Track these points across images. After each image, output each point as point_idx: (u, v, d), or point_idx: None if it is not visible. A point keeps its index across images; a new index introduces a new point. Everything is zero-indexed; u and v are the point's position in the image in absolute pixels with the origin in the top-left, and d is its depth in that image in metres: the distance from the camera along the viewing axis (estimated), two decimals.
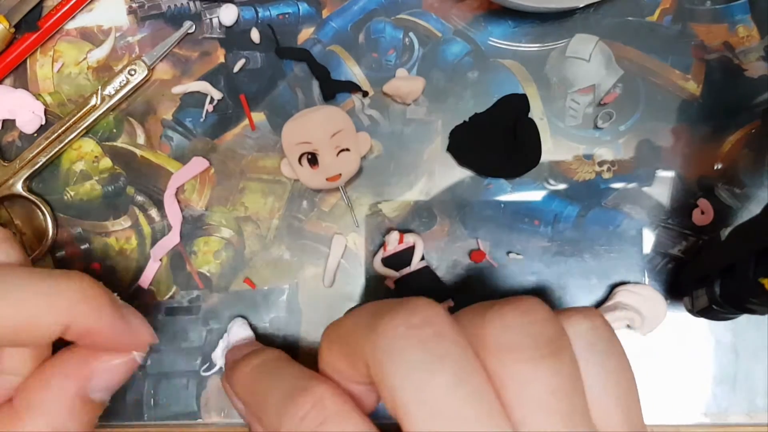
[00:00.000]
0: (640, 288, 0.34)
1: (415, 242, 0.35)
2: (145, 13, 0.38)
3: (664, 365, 0.35)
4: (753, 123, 0.36)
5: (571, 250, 0.36)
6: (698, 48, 0.37)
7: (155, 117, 0.38)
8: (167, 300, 0.37)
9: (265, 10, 0.38)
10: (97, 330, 0.23)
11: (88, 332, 0.23)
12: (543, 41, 0.37)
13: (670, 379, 0.35)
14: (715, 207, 0.36)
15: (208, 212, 0.37)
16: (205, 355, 0.36)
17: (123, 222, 0.37)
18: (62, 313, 0.22)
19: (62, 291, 0.22)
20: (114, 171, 0.37)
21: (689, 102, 0.36)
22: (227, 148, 0.37)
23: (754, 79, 0.36)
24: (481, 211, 0.36)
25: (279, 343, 0.36)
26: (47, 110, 0.38)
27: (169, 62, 0.38)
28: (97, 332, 0.23)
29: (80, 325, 0.23)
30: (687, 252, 0.36)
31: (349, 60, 0.37)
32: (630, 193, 0.36)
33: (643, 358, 0.35)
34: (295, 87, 0.37)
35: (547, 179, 0.36)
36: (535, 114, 0.37)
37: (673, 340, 0.35)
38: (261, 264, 0.37)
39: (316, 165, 0.34)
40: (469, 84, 0.37)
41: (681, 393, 0.35)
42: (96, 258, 0.37)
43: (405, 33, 0.37)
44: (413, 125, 0.37)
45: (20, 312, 0.22)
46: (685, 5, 0.37)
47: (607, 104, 0.36)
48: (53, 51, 0.38)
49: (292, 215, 0.37)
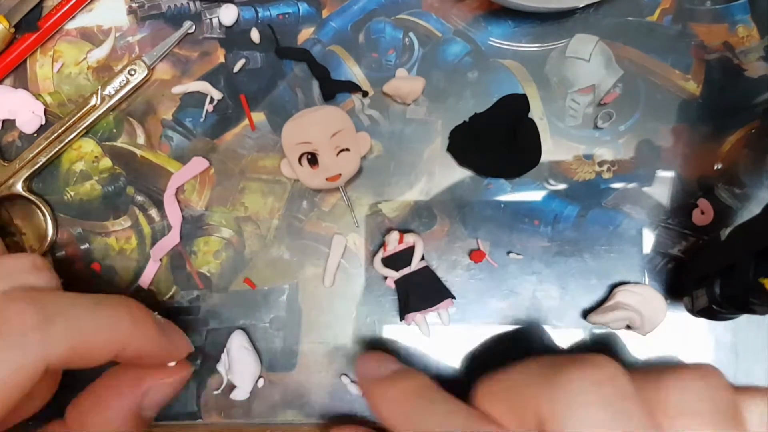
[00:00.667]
0: (640, 288, 0.34)
1: (415, 242, 0.35)
2: (145, 13, 0.38)
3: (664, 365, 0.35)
4: (753, 123, 0.36)
5: (571, 250, 0.36)
6: (698, 48, 0.37)
7: (155, 117, 0.38)
8: (167, 300, 0.37)
9: (265, 10, 0.38)
10: (147, 351, 0.25)
11: (138, 353, 0.24)
12: (543, 41, 0.37)
13: None
14: (715, 207, 0.36)
15: (208, 212, 0.37)
16: (205, 355, 0.36)
17: (123, 222, 0.37)
18: (120, 339, 0.23)
19: (120, 318, 0.24)
20: (114, 171, 0.37)
21: (689, 102, 0.36)
22: (227, 148, 0.37)
23: (754, 79, 0.36)
24: (481, 211, 0.36)
25: (279, 343, 0.36)
26: (47, 110, 0.38)
27: (169, 62, 0.38)
28: (147, 353, 0.25)
29: (133, 347, 0.24)
30: (687, 252, 0.36)
31: (349, 60, 0.37)
32: (630, 193, 0.36)
33: (643, 358, 0.35)
34: (295, 87, 0.37)
35: (547, 179, 0.36)
36: (535, 114, 0.37)
37: (673, 340, 0.35)
38: (261, 264, 0.37)
39: (316, 165, 0.34)
40: (469, 84, 0.37)
41: None
42: (96, 258, 0.37)
43: (405, 33, 0.37)
44: (413, 125, 0.37)
45: (85, 339, 0.23)
46: (685, 5, 0.37)
47: (607, 104, 0.36)
48: (53, 51, 0.38)
49: (292, 215, 0.37)
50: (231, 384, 0.35)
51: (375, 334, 0.36)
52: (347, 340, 0.36)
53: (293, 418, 0.36)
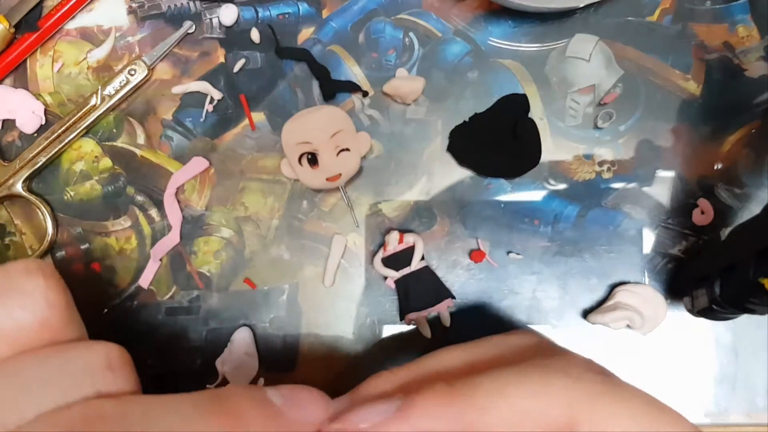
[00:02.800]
0: (640, 288, 0.34)
1: (415, 242, 0.35)
2: (145, 13, 0.38)
3: (664, 365, 0.35)
4: (753, 123, 0.36)
5: (571, 250, 0.36)
6: (698, 48, 0.37)
7: (155, 117, 0.38)
8: (167, 300, 0.37)
9: (265, 10, 0.38)
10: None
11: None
12: (543, 41, 0.37)
13: (670, 379, 0.35)
14: (715, 207, 0.36)
15: (208, 212, 0.37)
16: (205, 355, 0.36)
17: (123, 222, 0.37)
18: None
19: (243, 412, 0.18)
20: (114, 171, 0.37)
21: (689, 102, 0.36)
22: (227, 148, 0.37)
23: (754, 79, 0.36)
24: (481, 211, 0.36)
25: (279, 343, 0.36)
26: (47, 110, 0.38)
27: (169, 62, 0.38)
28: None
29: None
30: (687, 252, 0.36)
31: (349, 60, 0.37)
32: (630, 193, 0.36)
33: (643, 358, 0.35)
34: (295, 87, 0.37)
35: (547, 179, 0.36)
36: (535, 114, 0.37)
37: (673, 340, 0.35)
38: (261, 264, 0.37)
39: (316, 165, 0.34)
40: (469, 84, 0.37)
41: (681, 393, 0.35)
42: (96, 258, 0.37)
43: (405, 33, 0.37)
44: (413, 125, 0.37)
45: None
46: (685, 5, 0.37)
47: (607, 104, 0.36)
48: (53, 51, 0.38)
49: (292, 215, 0.37)
50: (226, 381, 0.35)
51: (375, 334, 0.36)
52: (347, 341, 0.36)
53: None
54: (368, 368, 0.36)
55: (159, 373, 0.36)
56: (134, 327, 0.36)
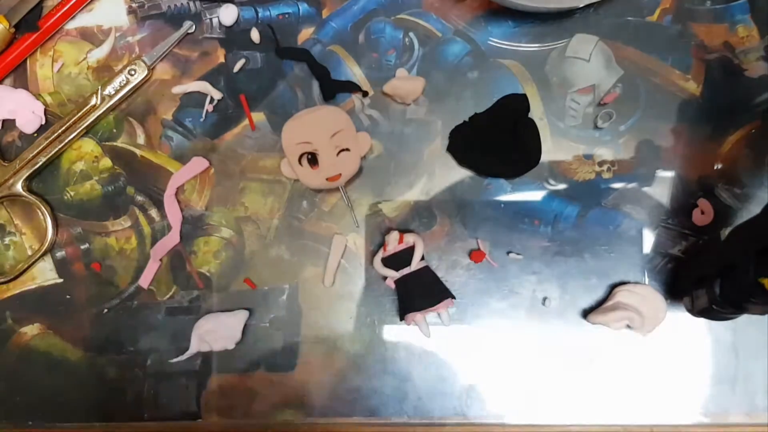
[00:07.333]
0: (640, 288, 0.34)
1: (415, 242, 0.35)
2: (145, 13, 0.38)
3: (664, 365, 0.35)
4: (753, 123, 0.36)
5: (571, 250, 0.36)
6: (698, 48, 0.37)
7: (155, 117, 0.38)
8: (167, 300, 0.37)
9: (265, 10, 0.38)
10: None
11: None
12: (543, 41, 0.37)
13: (670, 379, 0.35)
14: (715, 207, 0.36)
15: (208, 212, 0.37)
16: (205, 355, 0.36)
17: (123, 222, 0.37)
18: None
19: None
20: (114, 171, 0.37)
21: (689, 102, 0.36)
22: (227, 148, 0.37)
23: (754, 79, 0.36)
24: (481, 211, 0.36)
25: (279, 343, 0.36)
26: (47, 110, 0.38)
27: (169, 62, 0.38)
28: None
29: None
30: (687, 252, 0.36)
31: (349, 60, 0.37)
32: (630, 193, 0.36)
33: (643, 358, 0.35)
34: (295, 87, 0.37)
35: (547, 179, 0.36)
36: (535, 114, 0.37)
37: (673, 340, 0.35)
38: (261, 264, 0.37)
39: (316, 165, 0.34)
40: (469, 84, 0.37)
41: (681, 393, 0.35)
42: (96, 258, 0.37)
43: (405, 33, 0.37)
44: (413, 125, 0.37)
45: None
46: (685, 5, 0.37)
47: (607, 104, 0.36)
48: (53, 51, 0.38)
49: (292, 215, 0.37)
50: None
51: (375, 334, 0.36)
52: (347, 340, 0.36)
53: (293, 418, 0.36)
54: (368, 368, 0.36)
55: (159, 372, 0.36)
56: (134, 327, 0.36)
